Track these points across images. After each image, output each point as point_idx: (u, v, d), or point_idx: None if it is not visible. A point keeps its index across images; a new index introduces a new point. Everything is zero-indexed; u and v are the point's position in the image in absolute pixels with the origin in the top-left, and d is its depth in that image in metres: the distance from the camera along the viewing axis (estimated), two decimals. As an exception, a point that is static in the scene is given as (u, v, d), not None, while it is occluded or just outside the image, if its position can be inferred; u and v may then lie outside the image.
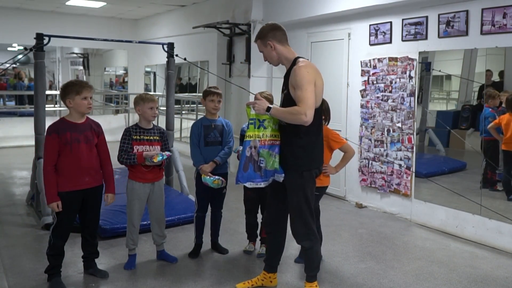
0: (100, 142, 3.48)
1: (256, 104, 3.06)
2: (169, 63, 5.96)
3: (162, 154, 3.64)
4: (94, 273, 3.61)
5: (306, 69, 3.00)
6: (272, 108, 3.03)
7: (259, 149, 3.11)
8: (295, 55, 3.19)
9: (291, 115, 2.96)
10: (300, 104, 2.93)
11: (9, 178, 7.16)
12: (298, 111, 2.92)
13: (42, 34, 4.99)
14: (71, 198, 3.31)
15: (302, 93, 2.93)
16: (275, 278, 3.50)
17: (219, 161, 3.89)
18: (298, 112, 2.92)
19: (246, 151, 3.12)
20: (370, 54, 5.64)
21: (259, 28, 3.47)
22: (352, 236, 4.73)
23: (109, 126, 10.94)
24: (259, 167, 3.13)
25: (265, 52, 3.22)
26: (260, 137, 3.12)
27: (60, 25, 10.45)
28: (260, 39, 3.21)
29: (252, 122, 3.12)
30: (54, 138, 3.24)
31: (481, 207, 4.54)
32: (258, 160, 3.12)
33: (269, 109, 3.02)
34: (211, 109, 3.95)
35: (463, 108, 5.57)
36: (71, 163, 3.28)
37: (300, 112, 2.91)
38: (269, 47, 3.17)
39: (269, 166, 3.13)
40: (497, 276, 3.77)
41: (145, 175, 3.70)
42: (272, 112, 3.03)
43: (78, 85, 3.35)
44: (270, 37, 3.16)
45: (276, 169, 3.14)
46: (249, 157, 3.13)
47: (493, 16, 4.33)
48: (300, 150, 3.10)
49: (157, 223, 3.87)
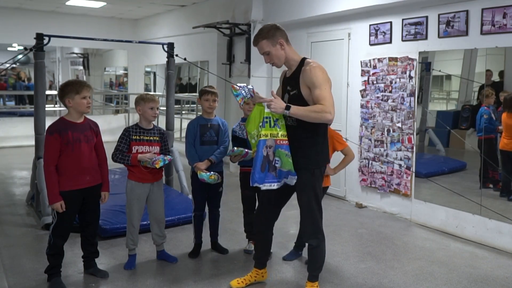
0: (98, 142, 3.49)
1: (272, 103, 2.93)
2: (169, 63, 5.96)
3: (164, 159, 3.64)
4: (94, 273, 3.61)
5: (320, 70, 2.98)
6: (292, 107, 2.91)
7: (275, 149, 3.04)
8: (300, 56, 3.17)
9: (316, 113, 2.88)
10: (322, 102, 2.88)
11: (9, 178, 7.16)
12: (322, 109, 2.86)
13: (42, 34, 4.99)
14: (71, 197, 3.31)
15: (322, 92, 2.90)
16: (266, 272, 3.57)
17: (215, 159, 3.90)
18: (322, 110, 2.86)
19: (263, 151, 3.02)
20: (370, 54, 5.64)
21: (259, 28, 3.43)
22: (352, 236, 4.73)
23: (109, 126, 10.95)
24: (274, 167, 3.06)
25: (273, 52, 3.10)
26: (275, 136, 3.03)
27: (60, 25, 10.45)
28: (267, 39, 3.08)
29: (267, 120, 3.02)
30: (56, 138, 3.24)
31: (481, 207, 4.54)
32: (274, 160, 3.05)
33: (288, 107, 2.91)
34: (206, 108, 3.95)
35: (463, 108, 5.57)
36: (72, 162, 3.28)
37: (324, 110, 2.85)
38: (278, 46, 3.08)
39: (284, 167, 3.06)
40: (497, 276, 3.77)
41: (144, 175, 3.70)
42: (292, 112, 2.90)
43: (77, 84, 3.35)
44: (279, 36, 3.09)
45: (290, 170, 3.06)
46: (266, 157, 3.04)
47: (493, 16, 4.32)
48: (311, 149, 3.08)
49: (156, 223, 3.86)
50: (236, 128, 4.09)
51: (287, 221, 4.93)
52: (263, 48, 3.12)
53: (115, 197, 5.38)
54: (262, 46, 3.11)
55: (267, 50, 3.11)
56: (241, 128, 4.02)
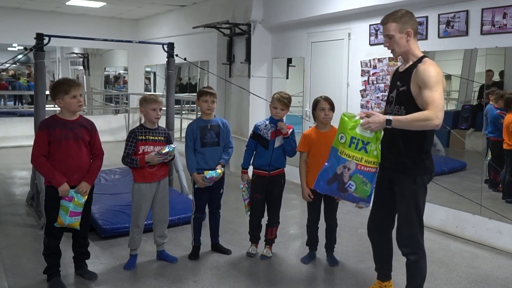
0: (92, 140, 3.46)
1: (370, 123, 2.76)
2: (169, 63, 5.95)
3: (169, 146, 3.68)
4: (83, 274, 3.57)
5: (435, 70, 2.75)
6: (393, 120, 2.71)
7: (353, 173, 2.86)
8: (421, 52, 2.94)
9: (420, 122, 2.66)
10: (429, 107, 2.66)
11: (9, 178, 7.16)
12: (427, 116, 2.63)
13: (42, 34, 4.99)
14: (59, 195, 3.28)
15: (432, 94, 2.68)
16: (391, 286, 3.35)
17: (224, 163, 3.94)
18: (427, 118, 2.63)
19: (338, 168, 2.89)
20: (370, 54, 5.64)
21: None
22: (352, 236, 4.73)
23: (109, 126, 10.95)
24: (345, 189, 2.90)
25: (397, 38, 2.86)
26: (358, 161, 2.84)
27: (60, 25, 10.45)
28: (397, 22, 2.85)
29: (355, 141, 2.83)
30: (45, 133, 3.25)
31: (481, 207, 4.54)
32: (348, 183, 2.88)
33: (389, 122, 2.71)
34: (205, 109, 3.92)
35: (463, 108, 5.57)
36: (59, 159, 3.27)
37: (430, 117, 2.62)
38: (404, 34, 2.85)
39: (357, 193, 2.89)
40: (497, 276, 3.77)
41: (151, 174, 3.69)
42: (394, 124, 2.71)
43: (66, 84, 3.33)
44: (410, 25, 2.86)
45: (362, 198, 2.91)
46: (338, 175, 2.89)
47: (493, 16, 4.33)
48: (415, 153, 2.85)
49: (160, 223, 3.86)
50: (261, 126, 3.96)
51: (287, 221, 4.93)
52: (389, 30, 2.89)
53: (115, 197, 5.40)
54: (389, 27, 2.89)
55: (392, 34, 2.88)
56: (267, 128, 3.93)
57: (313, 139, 3.78)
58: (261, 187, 3.98)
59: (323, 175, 2.97)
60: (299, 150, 3.87)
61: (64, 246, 3.49)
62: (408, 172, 2.87)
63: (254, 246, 4.13)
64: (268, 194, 4.01)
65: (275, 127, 3.90)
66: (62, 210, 3.28)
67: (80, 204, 3.32)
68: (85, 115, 3.52)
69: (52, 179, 3.26)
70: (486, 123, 4.95)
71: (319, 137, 3.75)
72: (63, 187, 3.24)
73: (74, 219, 3.31)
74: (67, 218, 3.27)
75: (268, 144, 3.91)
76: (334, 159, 2.93)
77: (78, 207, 3.31)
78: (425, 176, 2.90)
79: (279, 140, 3.92)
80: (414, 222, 2.91)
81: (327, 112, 3.75)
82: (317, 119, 3.83)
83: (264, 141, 3.92)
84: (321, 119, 3.77)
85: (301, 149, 3.84)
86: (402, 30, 2.86)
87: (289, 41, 7.06)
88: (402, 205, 2.93)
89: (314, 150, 3.76)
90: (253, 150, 3.99)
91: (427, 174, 2.91)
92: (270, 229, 4.08)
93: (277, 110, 3.90)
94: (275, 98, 3.92)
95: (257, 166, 3.99)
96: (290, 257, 4.10)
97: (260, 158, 3.96)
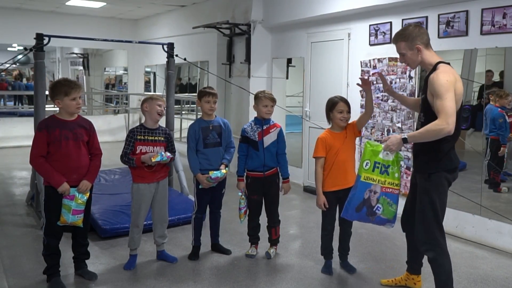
0: (91, 140, 3.46)
1: (389, 145, 2.98)
2: (169, 63, 5.95)
3: (162, 155, 3.61)
4: (83, 274, 3.57)
5: (444, 77, 2.83)
6: (408, 137, 2.92)
7: (379, 196, 3.06)
8: (436, 59, 3.01)
9: (432, 133, 2.81)
10: (440, 115, 2.78)
11: (9, 178, 7.16)
12: (437, 125, 2.77)
13: (42, 34, 4.99)
14: (58, 195, 3.28)
15: (442, 102, 2.78)
16: (419, 281, 3.40)
17: (227, 163, 3.95)
18: (438, 127, 2.76)
19: (364, 194, 3.06)
20: (370, 54, 5.64)
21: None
22: (352, 236, 4.71)
23: (109, 126, 10.96)
24: (374, 212, 3.08)
25: (409, 55, 3.04)
26: (383, 184, 3.06)
27: (60, 25, 10.46)
28: (405, 41, 3.01)
29: (378, 166, 3.06)
30: (44, 134, 3.25)
31: (481, 207, 4.54)
32: (376, 206, 3.07)
33: (405, 140, 2.91)
34: (207, 110, 3.91)
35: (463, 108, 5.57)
36: (59, 159, 3.27)
37: (440, 125, 2.75)
38: (415, 51, 3.00)
39: (384, 215, 3.08)
40: (497, 276, 3.77)
41: (150, 175, 3.68)
42: (410, 140, 2.94)
43: (66, 86, 3.32)
44: (419, 40, 2.99)
45: (389, 219, 3.10)
46: (366, 199, 3.06)
47: (493, 16, 4.33)
48: (430, 152, 2.96)
49: (160, 224, 3.86)
50: (248, 129, 3.97)
51: (287, 221, 4.93)
52: (400, 48, 3.08)
53: (115, 197, 5.40)
54: (400, 47, 3.08)
55: (403, 52, 3.06)
56: (253, 129, 3.94)
57: (330, 143, 3.62)
58: (258, 189, 3.98)
59: (351, 203, 3.11)
60: (316, 156, 3.65)
61: (64, 246, 3.49)
62: (422, 170, 3.03)
63: (254, 248, 4.13)
64: (265, 195, 4.01)
65: (261, 128, 3.92)
66: (64, 208, 3.29)
67: (82, 202, 3.34)
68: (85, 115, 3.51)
69: (51, 179, 3.26)
70: (486, 123, 4.96)
71: (335, 139, 3.63)
72: (63, 187, 3.25)
73: (77, 217, 3.33)
74: (69, 216, 3.29)
75: (257, 146, 3.91)
76: (359, 186, 3.08)
77: (80, 205, 3.33)
78: (442, 173, 2.97)
79: (267, 140, 3.92)
80: (430, 219, 2.99)
81: (345, 115, 3.62)
82: (333, 121, 3.68)
83: (253, 143, 3.92)
84: (338, 121, 3.63)
85: (319, 154, 3.61)
86: (412, 47, 3.01)
87: (289, 41, 7.06)
88: (418, 201, 3.06)
89: (331, 152, 3.60)
90: (246, 155, 3.96)
91: (443, 172, 2.97)
92: (273, 230, 4.08)
93: (268, 108, 3.90)
94: (263, 96, 3.91)
95: (251, 168, 3.97)
96: (290, 257, 4.10)
97: (253, 160, 3.94)
